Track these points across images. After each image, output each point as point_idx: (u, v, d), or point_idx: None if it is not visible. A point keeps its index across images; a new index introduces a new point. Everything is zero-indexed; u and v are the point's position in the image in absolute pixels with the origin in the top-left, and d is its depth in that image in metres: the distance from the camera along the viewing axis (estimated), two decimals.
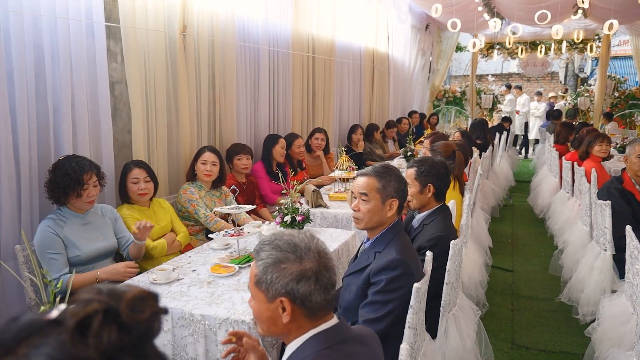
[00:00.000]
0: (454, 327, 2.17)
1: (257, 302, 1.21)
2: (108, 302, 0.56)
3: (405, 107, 9.30)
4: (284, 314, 1.16)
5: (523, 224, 6.00)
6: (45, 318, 0.55)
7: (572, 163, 4.72)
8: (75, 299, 0.57)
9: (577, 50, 10.50)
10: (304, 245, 1.19)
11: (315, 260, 1.17)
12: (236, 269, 2.29)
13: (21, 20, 2.29)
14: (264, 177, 4.19)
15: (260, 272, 1.18)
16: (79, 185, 2.31)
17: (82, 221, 2.44)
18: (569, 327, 3.32)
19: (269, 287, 1.17)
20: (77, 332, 0.53)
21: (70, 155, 2.41)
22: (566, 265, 3.80)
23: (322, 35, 5.53)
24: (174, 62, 3.33)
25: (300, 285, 1.15)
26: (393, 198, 1.87)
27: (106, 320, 0.54)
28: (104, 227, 2.55)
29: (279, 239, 1.21)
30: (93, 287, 0.59)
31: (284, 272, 1.16)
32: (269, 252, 1.19)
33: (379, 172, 1.89)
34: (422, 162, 2.42)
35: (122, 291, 0.58)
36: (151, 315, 0.58)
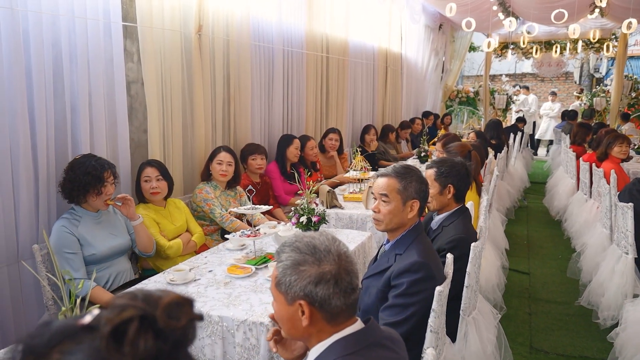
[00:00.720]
0: (474, 331, 2.13)
1: (278, 304, 1.20)
2: (144, 308, 0.54)
3: (418, 107, 9.23)
4: (303, 317, 1.14)
5: (538, 226, 5.92)
6: (79, 323, 0.53)
7: (590, 164, 4.64)
8: (110, 304, 0.55)
9: (593, 50, 10.34)
10: (323, 247, 1.16)
11: (335, 263, 1.15)
12: (253, 270, 2.27)
13: (40, 20, 2.30)
14: (277, 178, 4.17)
15: (280, 274, 1.17)
16: (99, 183, 2.32)
17: (96, 220, 2.44)
18: (589, 332, 3.26)
19: (288, 289, 1.15)
20: (113, 339, 0.51)
21: (87, 154, 2.42)
22: (585, 269, 3.73)
23: (335, 35, 5.50)
24: (190, 62, 3.32)
25: (319, 289, 1.13)
26: (414, 199, 1.84)
27: (142, 327, 0.52)
28: (117, 224, 2.56)
29: (299, 240, 1.19)
30: (127, 292, 0.57)
31: (302, 274, 1.14)
32: (289, 254, 1.17)
33: (400, 172, 1.86)
34: (442, 163, 2.38)
35: (158, 296, 0.56)
36: (187, 322, 0.56)
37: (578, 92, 12.31)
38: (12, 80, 2.20)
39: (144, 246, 2.59)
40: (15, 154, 2.27)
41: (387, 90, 7.52)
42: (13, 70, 2.20)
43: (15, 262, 2.33)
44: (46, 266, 2.33)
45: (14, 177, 2.29)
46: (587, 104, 10.70)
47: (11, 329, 2.30)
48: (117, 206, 2.48)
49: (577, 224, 4.71)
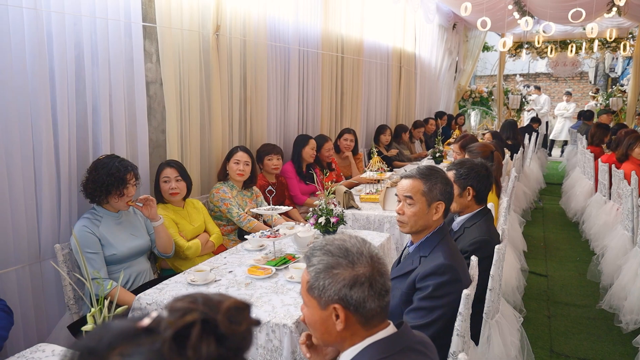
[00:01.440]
0: (497, 335, 2.10)
1: (310, 309, 1.17)
2: (206, 312, 0.53)
3: (431, 107, 9.18)
4: (337, 321, 1.12)
5: (555, 228, 5.85)
6: (138, 325, 0.52)
7: (610, 165, 4.57)
8: (170, 307, 0.54)
9: (610, 49, 10.20)
10: (356, 250, 1.14)
11: (369, 265, 1.13)
12: (273, 271, 2.26)
13: (63, 21, 2.31)
14: (293, 178, 4.17)
15: (312, 278, 1.14)
16: (122, 185, 2.33)
17: (117, 220, 2.45)
18: (610, 336, 3.20)
19: (321, 293, 1.13)
20: (175, 342, 0.50)
21: (110, 154, 2.43)
22: (606, 271, 3.67)
23: (350, 35, 5.48)
24: (207, 62, 3.33)
25: (354, 292, 1.11)
26: (439, 201, 1.82)
27: (204, 332, 0.52)
28: (138, 225, 2.57)
29: (330, 244, 1.17)
30: (186, 296, 0.56)
31: (336, 277, 1.12)
32: (320, 258, 1.15)
33: (425, 174, 1.83)
34: (461, 165, 2.35)
35: (218, 300, 0.55)
36: (247, 327, 0.55)
37: (594, 92, 12.15)
38: (35, 80, 2.22)
39: (164, 247, 2.59)
40: (38, 154, 2.28)
41: (401, 90, 7.49)
42: (37, 70, 2.21)
43: (37, 261, 2.35)
44: (67, 265, 2.34)
45: (37, 176, 2.30)
46: (603, 104, 10.55)
47: (33, 328, 2.32)
48: (138, 207, 2.48)
49: (596, 225, 4.64)
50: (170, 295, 2.05)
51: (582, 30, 9.89)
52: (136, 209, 2.53)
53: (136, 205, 2.47)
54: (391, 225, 3.37)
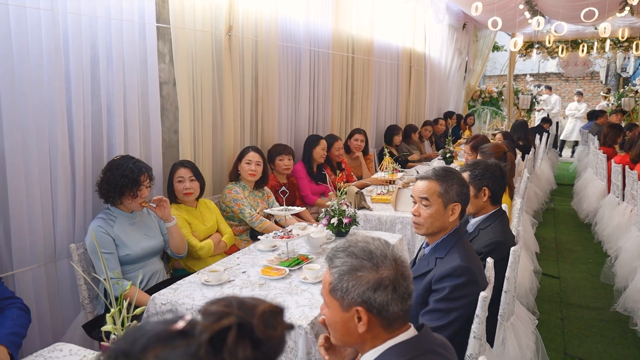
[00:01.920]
0: (513, 337, 2.09)
1: (331, 310, 1.16)
2: (241, 316, 0.53)
3: (440, 107, 9.14)
4: (359, 324, 1.11)
5: (567, 229, 5.80)
6: (173, 328, 0.52)
7: (624, 166, 4.52)
8: (204, 311, 0.54)
9: (622, 49, 10.09)
10: (379, 252, 1.14)
11: (393, 268, 1.12)
12: (287, 272, 2.26)
13: (79, 22, 2.33)
14: (304, 178, 4.17)
15: (335, 279, 1.14)
16: (135, 186, 2.34)
17: (130, 220, 2.46)
18: (624, 339, 3.17)
19: (344, 295, 1.12)
20: (211, 346, 0.50)
21: (125, 155, 2.44)
22: (620, 274, 3.63)
23: (361, 35, 5.48)
24: (220, 63, 3.33)
25: (377, 295, 1.10)
26: (455, 202, 1.81)
27: (240, 336, 0.51)
28: (151, 225, 2.57)
29: (353, 245, 1.17)
30: (221, 299, 0.56)
31: (360, 280, 1.11)
32: (344, 259, 1.14)
33: (441, 175, 1.82)
34: (475, 165, 2.33)
35: (253, 304, 0.55)
36: (282, 331, 0.55)
37: (605, 92, 12.03)
38: (52, 81, 2.23)
39: (177, 247, 2.60)
40: (53, 155, 2.30)
41: (411, 90, 7.46)
42: (53, 71, 2.23)
43: (53, 261, 2.37)
44: (82, 265, 2.35)
45: (52, 177, 2.32)
46: (614, 104, 10.45)
47: (48, 327, 2.34)
48: (152, 208, 2.49)
49: (609, 227, 4.59)
50: (185, 295, 2.06)
51: (594, 30, 9.79)
52: (150, 209, 2.54)
53: (149, 206, 2.48)
54: (403, 226, 3.35)
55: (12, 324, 1.71)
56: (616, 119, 8.12)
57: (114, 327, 1.26)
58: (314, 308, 1.92)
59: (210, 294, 2.07)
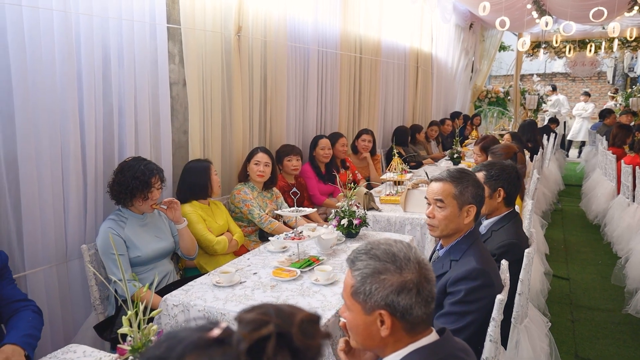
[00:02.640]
0: (527, 340, 2.07)
1: (353, 313, 1.15)
2: (280, 324, 0.52)
3: (447, 107, 9.11)
4: (382, 327, 1.10)
5: (575, 230, 5.77)
6: (209, 336, 0.51)
7: (634, 167, 4.49)
8: (241, 319, 0.53)
9: (630, 48, 10.02)
10: (402, 255, 1.12)
11: (416, 271, 1.11)
12: (298, 273, 2.25)
13: (90, 23, 2.33)
14: (313, 178, 4.16)
15: (358, 282, 1.12)
16: (146, 188, 2.33)
17: (141, 222, 2.46)
18: (636, 341, 3.14)
19: (367, 298, 1.11)
20: (249, 355, 0.49)
21: (137, 157, 2.43)
22: (632, 276, 3.60)
23: (369, 35, 5.46)
24: (229, 63, 3.33)
25: (401, 298, 1.09)
26: (470, 204, 1.79)
27: (279, 345, 0.50)
28: (162, 227, 2.57)
29: (375, 248, 1.15)
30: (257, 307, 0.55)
31: (384, 283, 1.10)
32: (367, 262, 1.13)
33: (455, 177, 1.81)
34: (492, 166, 2.32)
35: (290, 312, 0.54)
36: (321, 340, 0.54)
37: (613, 92, 11.96)
38: (64, 82, 2.24)
39: (187, 249, 2.60)
40: (65, 155, 2.30)
41: (418, 90, 7.44)
42: (65, 72, 2.23)
43: (64, 261, 2.37)
44: (93, 266, 2.35)
45: (64, 177, 2.32)
46: (622, 105, 10.38)
47: (60, 328, 2.34)
48: (162, 210, 2.49)
49: (619, 228, 4.56)
50: (197, 296, 2.06)
51: (601, 30, 9.74)
52: (160, 211, 2.54)
53: (160, 208, 2.48)
54: (412, 227, 3.34)
55: (28, 325, 1.71)
56: (626, 119, 8.06)
57: (130, 330, 1.25)
58: (326, 310, 1.91)
59: (222, 295, 2.06)
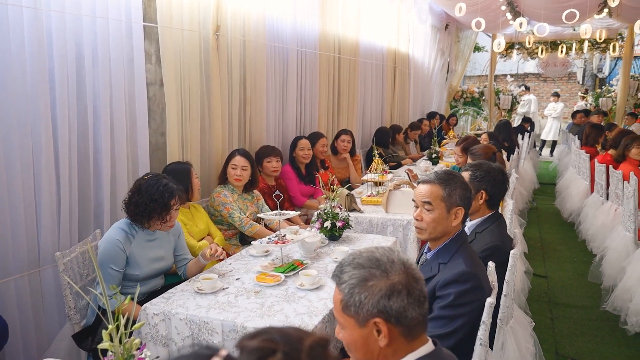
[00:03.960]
0: (512, 341, 2.07)
1: (348, 330, 1.10)
2: (287, 351, 0.47)
3: (424, 108, 9.18)
4: (380, 337, 1.07)
5: (551, 228, 5.87)
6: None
7: (607, 166, 4.59)
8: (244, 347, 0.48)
9: (599, 50, 10.29)
10: (385, 258, 1.10)
11: (403, 272, 1.09)
12: (282, 278, 2.20)
13: (63, 20, 2.23)
14: (293, 179, 4.11)
15: (346, 295, 1.09)
16: (165, 211, 2.20)
17: (150, 237, 2.31)
18: (614, 338, 3.20)
19: (358, 309, 1.07)
20: None
21: (155, 175, 2.27)
22: (608, 273, 3.67)
23: (347, 35, 5.44)
24: (208, 63, 3.26)
25: (393, 301, 1.06)
26: (458, 206, 1.78)
27: None
28: (167, 245, 2.42)
29: (357, 257, 1.13)
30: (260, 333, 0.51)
31: (372, 289, 1.07)
32: (351, 273, 1.10)
33: (443, 179, 1.79)
34: (478, 167, 2.31)
35: (298, 337, 0.50)
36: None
37: (583, 93, 12.27)
38: (35, 81, 2.14)
39: (193, 274, 2.46)
40: (37, 158, 2.20)
41: (396, 90, 7.47)
42: (37, 71, 2.13)
43: (37, 270, 2.26)
44: (69, 274, 2.25)
45: (36, 181, 2.22)
46: (592, 105, 10.65)
47: (33, 340, 2.23)
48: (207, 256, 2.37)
49: (593, 226, 4.65)
50: (178, 304, 1.99)
51: (572, 31, 9.97)
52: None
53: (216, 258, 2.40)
54: (394, 229, 3.33)
55: None
56: (597, 119, 8.27)
57: (111, 345, 1.19)
58: (313, 316, 1.87)
59: (205, 302, 2.00)
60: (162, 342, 1.94)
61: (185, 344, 1.89)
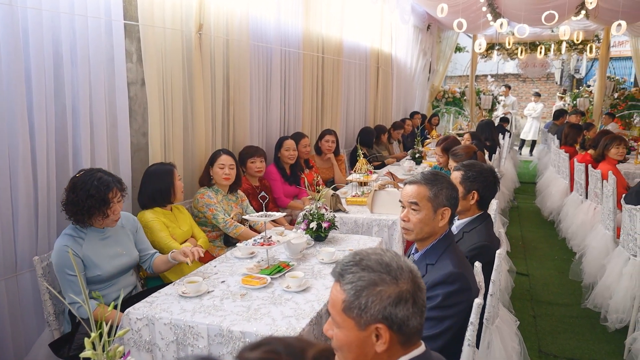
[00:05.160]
0: (498, 341, 2.08)
1: (345, 330, 1.07)
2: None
3: (407, 107, 9.23)
4: (378, 343, 1.04)
5: (531, 227, 5.95)
6: None
7: (586, 165, 4.66)
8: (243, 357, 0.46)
9: (577, 51, 10.49)
10: (395, 264, 1.08)
11: (410, 281, 1.07)
12: (268, 280, 2.18)
13: (40, 17, 2.16)
14: (278, 180, 4.08)
15: (351, 296, 1.05)
16: (104, 205, 2.13)
17: (102, 235, 2.25)
18: (595, 334, 3.25)
19: (362, 312, 1.04)
20: None
21: (88, 170, 2.19)
22: (588, 271, 3.73)
23: (331, 35, 5.43)
24: (190, 62, 3.20)
25: (399, 309, 1.04)
26: (445, 207, 1.77)
27: None
28: (125, 239, 2.37)
29: (365, 258, 1.09)
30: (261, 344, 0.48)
31: (381, 295, 1.04)
32: (360, 274, 1.06)
33: (430, 179, 1.79)
34: (470, 167, 2.31)
35: (301, 348, 0.48)
36: None
37: (561, 93, 12.48)
38: (11, 80, 2.06)
39: (161, 270, 2.49)
40: (13, 159, 2.13)
41: (379, 90, 7.49)
42: (12, 70, 2.06)
43: (14, 275, 2.19)
44: (47, 279, 2.19)
45: (12, 183, 2.15)
46: (570, 105, 10.84)
47: (9, 347, 2.16)
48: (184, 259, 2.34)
49: (573, 225, 4.72)
50: (162, 309, 1.94)
51: (551, 33, 10.13)
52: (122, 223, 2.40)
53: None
54: (380, 229, 3.32)
55: None
56: (575, 119, 8.42)
57: (94, 353, 1.15)
58: (300, 319, 1.85)
59: (190, 306, 1.96)
60: (146, 347, 1.90)
61: (169, 349, 1.85)
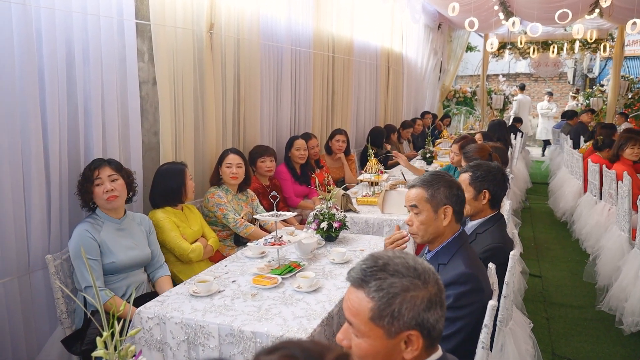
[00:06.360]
0: (512, 343, 2.05)
1: (370, 340, 1.01)
2: None
3: (417, 107, 9.18)
4: (407, 349, 1.01)
5: (544, 228, 5.88)
6: None
7: (601, 166, 4.59)
8: None
9: (590, 50, 10.36)
10: (421, 267, 1.05)
11: (436, 284, 1.05)
12: (279, 280, 2.17)
13: (53, 17, 2.17)
14: (288, 179, 4.07)
15: (383, 304, 1.00)
16: (88, 182, 2.24)
17: (118, 226, 2.35)
18: (609, 337, 3.20)
19: (393, 320, 1.00)
20: None
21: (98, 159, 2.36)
22: (603, 273, 3.67)
23: (341, 34, 5.41)
24: (201, 61, 3.20)
25: (430, 314, 1.01)
26: (445, 205, 1.76)
27: None
28: (139, 235, 2.45)
29: (391, 262, 1.04)
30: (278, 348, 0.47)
31: (414, 301, 1.01)
32: (390, 280, 1.02)
33: (426, 181, 1.79)
34: (477, 167, 2.29)
35: (319, 352, 0.46)
36: None
37: (574, 93, 12.34)
38: (24, 80, 2.07)
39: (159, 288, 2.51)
40: (27, 159, 2.14)
41: (389, 90, 7.45)
42: (25, 69, 2.07)
43: (27, 273, 2.20)
44: (59, 277, 2.20)
45: (25, 183, 2.16)
46: (583, 104, 10.71)
47: (22, 345, 2.17)
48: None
49: (587, 226, 4.65)
50: (173, 308, 1.94)
51: (564, 31, 10.02)
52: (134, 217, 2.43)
53: None
54: (391, 229, 3.30)
55: None
56: (587, 118, 8.32)
57: (106, 353, 1.14)
58: (311, 319, 1.84)
59: (201, 305, 1.96)
60: (157, 346, 1.90)
61: (180, 348, 1.85)
